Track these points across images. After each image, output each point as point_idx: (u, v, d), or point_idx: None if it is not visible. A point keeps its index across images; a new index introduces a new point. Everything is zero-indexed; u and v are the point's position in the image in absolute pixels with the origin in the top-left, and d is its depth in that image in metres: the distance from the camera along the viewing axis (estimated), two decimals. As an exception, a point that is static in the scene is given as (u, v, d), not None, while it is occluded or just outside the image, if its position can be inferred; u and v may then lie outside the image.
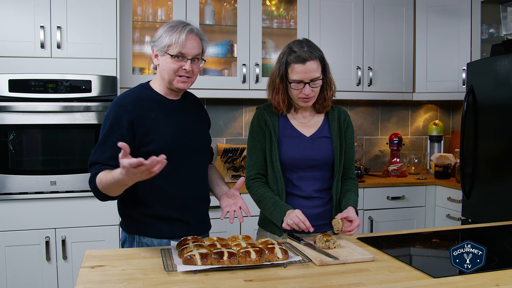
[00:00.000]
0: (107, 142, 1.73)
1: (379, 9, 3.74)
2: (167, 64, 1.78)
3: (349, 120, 2.04)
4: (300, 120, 1.99)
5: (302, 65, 1.83)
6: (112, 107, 1.79)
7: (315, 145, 1.95)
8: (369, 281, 1.37)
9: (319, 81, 1.88)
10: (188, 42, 1.77)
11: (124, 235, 1.90)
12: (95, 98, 2.89)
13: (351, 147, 2.02)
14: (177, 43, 1.75)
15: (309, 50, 1.85)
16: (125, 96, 1.82)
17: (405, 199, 3.55)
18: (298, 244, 1.71)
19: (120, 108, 1.76)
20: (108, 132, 1.75)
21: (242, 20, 3.43)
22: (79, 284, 1.33)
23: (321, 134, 1.97)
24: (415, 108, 4.30)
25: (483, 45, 3.60)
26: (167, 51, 1.76)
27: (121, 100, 1.80)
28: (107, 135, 1.74)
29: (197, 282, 1.34)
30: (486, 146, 3.06)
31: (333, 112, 2.01)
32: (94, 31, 2.93)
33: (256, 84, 3.45)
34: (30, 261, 2.81)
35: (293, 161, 1.93)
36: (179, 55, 1.76)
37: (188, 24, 1.81)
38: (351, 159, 2.03)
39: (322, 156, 1.94)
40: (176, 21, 1.83)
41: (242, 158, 3.53)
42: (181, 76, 1.79)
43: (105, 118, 1.79)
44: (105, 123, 1.78)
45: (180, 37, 1.75)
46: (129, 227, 1.86)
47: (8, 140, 2.77)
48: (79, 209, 2.87)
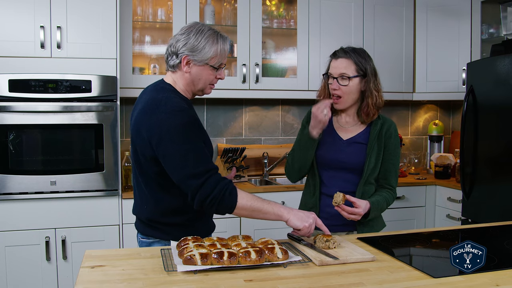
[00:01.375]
0: (201, 147, 1.67)
1: (379, 9, 3.74)
2: (206, 75, 1.78)
3: (394, 131, 2.07)
4: (342, 124, 2.10)
5: (335, 60, 2.02)
6: (176, 114, 1.64)
7: (349, 149, 2.04)
8: (369, 281, 1.37)
9: (348, 80, 1.96)
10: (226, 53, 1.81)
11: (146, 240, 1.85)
12: (95, 98, 2.89)
13: (391, 158, 2.05)
14: (221, 55, 1.77)
15: (347, 51, 2.01)
16: (178, 101, 1.70)
17: (405, 199, 3.55)
18: (298, 244, 1.71)
19: (189, 114, 1.69)
20: (195, 139, 1.66)
21: (242, 20, 3.43)
22: (79, 284, 1.33)
23: (357, 140, 2.05)
24: (415, 108, 4.30)
25: (483, 45, 3.60)
26: (209, 62, 1.76)
27: (177, 105, 1.67)
28: (197, 142, 1.66)
29: (197, 282, 1.34)
30: (486, 146, 3.06)
31: (377, 121, 2.06)
32: (94, 31, 2.93)
33: (256, 84, 3.46)
34: (30, 261, 2.81)
35: (326, 161, 2.05)
36: (220, 66, 1.80)
37: (219, 32, 1.81)
38: (389, 170, 2.05)
39: (353, 161, 2.01)
40: (210, 29, 1.78)
41: (242, 158, 3.53)
42: (213, 84, 1.83)
43: (181, 127, 1.63)
44: (183, 131, 1.63)
45: (224, 49, 1.77)
46: (172, 234, 1.79)
47: (8, 140, 2.76)
48: (79, 209, 2.87)
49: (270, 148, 3.81)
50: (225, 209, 1.65)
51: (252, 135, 3.86)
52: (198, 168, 1.60)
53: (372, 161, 2.01)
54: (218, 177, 1.63)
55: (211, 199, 1.60)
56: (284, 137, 3.94)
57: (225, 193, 1.61)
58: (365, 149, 2.02)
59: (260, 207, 1.67)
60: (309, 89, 3.57)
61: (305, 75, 3.57)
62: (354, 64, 1.98)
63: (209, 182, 1.60)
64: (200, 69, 1.77)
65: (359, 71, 1.98)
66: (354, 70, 1.98)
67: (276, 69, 3.65)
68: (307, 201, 2.13)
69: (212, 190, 1.60)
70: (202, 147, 1.68)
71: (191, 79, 1.79)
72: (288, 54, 3.69)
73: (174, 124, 1.63)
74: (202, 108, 3.70)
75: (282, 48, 3.71)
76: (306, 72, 3.57)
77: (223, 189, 1.61)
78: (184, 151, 1.61)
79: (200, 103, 3.68)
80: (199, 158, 1.63)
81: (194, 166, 1.60)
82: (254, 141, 3.87)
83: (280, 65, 3.67)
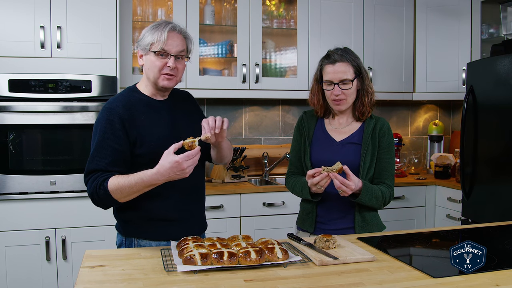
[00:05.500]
0: (104, 147, 1.74)
1: (379, 9, 3.74)
2: (151, 63, 1.79)
3: (387, 130, 2.05)
4: (335, 126, 2.09)
5: (332, 66, 1.97)
6: (103, 112, 1.79)
7: (343, 150, 2.03)
8: (369, 281, 1.37)
9: (350, 84, 1.96)
10: (170, 39, 1.78)
11: (120, 238, 1.89)
12: (95, 98, 2.89)
13: (385, 157, 2.03)
14: (159, 40, 1.76)
15: (341, 54, 1.99)
16: (114, 100, 1.83)
17: (405, 199, 3.54)
18: (298, 244, 1.71)
19: (111, 112, 1.77)
20: (102, 138, 1.75)
21: (242, 20, 3.43)
22: (79, 284, 1.33)
23: (351, 141, 2.04)
24: (415, 108, 4.30)
25: (483, 45, 3.60)
26: (150, 49, 1.78)
27: (111, 104, 1.81)
28: (102, 141, 1.74)
29: (197, 282, 1.34)
30: (486, 146, 3.06)
31: (370, 121, 2.05)
32: (94, 31, 2.93)
33: (256, 84, 3.46)
34: (30, 261, 2.81)
35: (321, 164, 1.99)
36: (162, 52, 1.77)
37: (170, 22, 1.82)
38: (384, 169, 2.03)
39: (348, 162, 1.98)
40: (160, 20, 1.86)
41: (242, 158, 3.53)
42: (166, 74, 1.80)
43: (96, 124, 1.79)
44: (97, 129, 1.78)
45: (162, 34, 1.76)
46: (126, 230, 1.87)
47: (8, 140, 2.76)
48: (79, 209, 2.87)
49: (270, 148, 3.81)
50: (105, 199, 1.71)
51: (252, 135, 3.86)
52: (88, 167, 1.74)
53: (367, 161, 1.99)
54: (97, 176, 1.71)
55: (91, 195, 1.73)
56: (284, 137, 3.94)
57: (97, 186, 1.69)
58: (359, 150, 2.01)
59: (126, 182, 1.66)
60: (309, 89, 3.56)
61: (305, 75, 3.57)
62: (352, 67, 1.98)
63: (89, 183, 1.72)
64: (147, 58, 1.81)
65: (356, 72, 1.99)
66: (353, 72, 1.98)
67: (276, 69, 3.65)
68: (305, 206, 2.12)
69: (89, 188, 1.72)
70: (103, 146, 1.73)
71: (145, 72, 1.84)
72: (288, 54, 3.69)
73: (96, 119, 1.80)
74: (202, 108, 3.70)
75: (282, 48, 3.71)
76: (306, 72, 3.57)
77: (94, 184, 1.70)
78: (92, 146, 1.76)
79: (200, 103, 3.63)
80: (93, 157, 1.74)
81: (88, 163, 1.74)
82: (254, 141, 3.87)
83: (280, 65, 3.67)
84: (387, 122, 2.08)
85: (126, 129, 1.76)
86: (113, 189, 1.66)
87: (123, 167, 1.75)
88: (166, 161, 1.59)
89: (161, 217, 1.83)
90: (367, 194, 1.92)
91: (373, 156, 2.01)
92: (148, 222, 1.83)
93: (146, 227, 1.83)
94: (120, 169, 1.74)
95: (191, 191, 1.91)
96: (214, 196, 3.06)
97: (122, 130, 1.75)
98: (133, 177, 1.65)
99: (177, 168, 1.59)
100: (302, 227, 2.11)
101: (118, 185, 1.66)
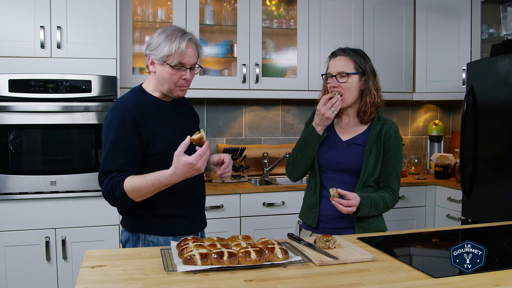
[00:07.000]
0: (117, 148, 1.74)
1: (379, 9, 3.74)
2: (167, 75, 1.79)
3: (393, 133, 2.04)
4: (342, 125, 2.11)
5: (333, 59, 2.05)
6: (115, 113, 1.79)
7: (347, 150, 2.03)
8: (369, 281, 1.37)
9: (346, 77, 1.98)
10: (188, 52, 1.77)
11: (127, 234, 1.90)
12: (95, 98, 2.89)
13: (391, 160, 2.03)
14: (177, 53, 1.75)
15: (345, 49, 2.04)
16: (125, 100, 1.83)
17: (405, 199, 3.54)
18: (298, 244, 1.71)
19: (124, 113, 1.77)
20: (116, 138, 1.75)
21: (242, 20, 3.43)
22: (79, 284, 1.33)
23: (355, 141, 2.04)
24: (415, 108, 4.30)
25: (483, 45, 3.60)
26: (166, 61, 1.77)
27: (122, 105, 1.81)
28: (116, 141, 1.75)
29: (197, 282, 1.34)
30: (486, 146, 3.06)
31: (377, 123, 2.04)
32: (94, 31, 2.93)
33: (256, 84, 3.45)
34: (30, 261, 2.81)
35: (325, 163, 2.05)
36: (179, 65, 1.78)
37: (185, 32, 1.80)
38: (390, 173, 2.03)
39: (351, 162, 2.00)
40: (173, 28, 1.82)
41: (242, 158, 3.53)
42: (181, 86, 1.82)
43: (108, 125, 1.79)
44: (110, 129, 1.77)
45: (180, 47, 1.75)
46: (134, 226, 1.88)
47: (8, 140, 2.76)
48: (79, 209, 2.87)
49: (270, 148, 3.81)
50: (121, 199, 1.72)
51: (252, 135, 3.86)
52: (103, 167, 1.74)
53: (371, 163, 1.99)
54: (113, 176, 1.72)
55: (107, 196, 1.74)
56: (284, 137, 3.94)
57: (112, 186, 1.71)
58: (363, 151, 2.01)
59: (143, 183, 1.69)
60: (309, 89, 3.57)
61: (305, 75, 3.57)
62: (352, 62, 2.00)
63: (104, 183, 1.74)
64: (161, 68, 1.80)
65: (357, 68, 1.99)
66: (353, 67, 1.99)
67: (276, 69, 3.65)
68: (308, 201, 2.13)
69: (105, 189, 1.73)
70: (117, 147, 1.74)
71: (157, 79, 1.83)
72: (288, 54, 3.69)
73: (107, 120, 1.79)
74: (202, 108, 3.71)
75: (282, 48, 3.71)
76: (306, 72, 3.57)
77: (110, 185, 1.71)
78: (106, 147, 1.77)
79: (200, 103, 3.68)
80: (107, 158, 1.75)
81: (102, 164, 1.75)
82: (254, 141, 3.87)
83: (280, 65, 3.67)
84: (395, 125, 2.07)
85: (138, 129, 1.77)
86: (130, 189, 1.69)
87: (136, 166, 1.77)
88: (180, 164, 1.64)
89: (168, 213, 1.86)
90: (366, 207, 1.92)
91: (378, 159, 2.01)
92: (156, 218, 1.85)
93: (154, 223, 1.85)
94: (134, 168, 1.76)
95: (194, 188, 1.95)
96: (214, 196, 3.06)
97: (135, 131, 1.76)
98: (149, 178, 1.68)
99: (192, 168, 1.64)
100: (306, 222, 2.12)
101: (135, 186, 1.68)
